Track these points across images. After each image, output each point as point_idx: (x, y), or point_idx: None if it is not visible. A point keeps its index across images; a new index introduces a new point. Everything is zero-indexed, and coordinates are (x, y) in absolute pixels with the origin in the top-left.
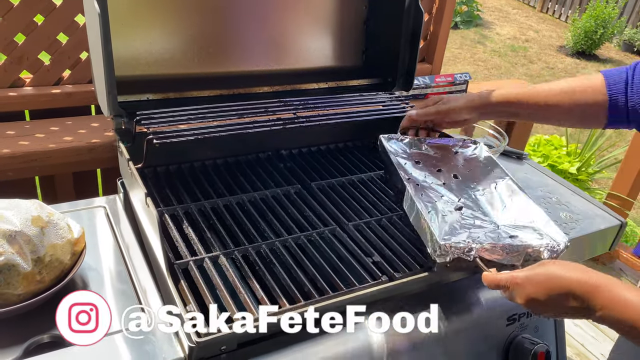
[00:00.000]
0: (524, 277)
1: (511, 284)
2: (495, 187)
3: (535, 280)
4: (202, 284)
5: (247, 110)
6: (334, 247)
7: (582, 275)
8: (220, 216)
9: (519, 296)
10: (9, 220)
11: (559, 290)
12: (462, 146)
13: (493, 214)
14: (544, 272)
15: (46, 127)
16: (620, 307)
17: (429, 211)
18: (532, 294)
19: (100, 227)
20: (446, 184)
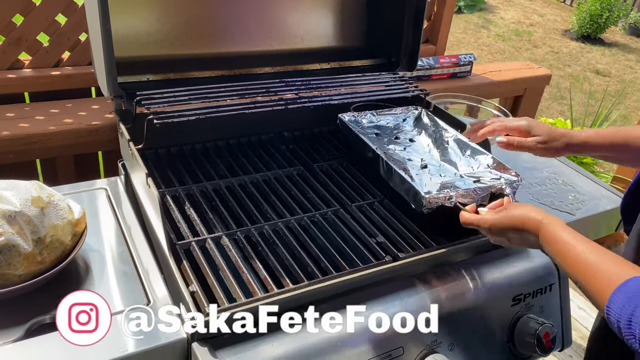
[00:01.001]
0: (491, 220)
1: (482, 223)
2: (447, 143)
3: (499, 222)
4: (204, 264)
5: (249, 91)
6: (337, 228)
7: (532, 213)
8: (222, 197)
9: (489, 233)
10: (9, 200)
11: (516, 226)
12: (408, 113)
13: (453, 166)
14: (504, 214)
15: (46, 110)
16: (554, 244)
17: (405, 172)
18: (497, 232)
19: (102, 208)
20: (406, 148)
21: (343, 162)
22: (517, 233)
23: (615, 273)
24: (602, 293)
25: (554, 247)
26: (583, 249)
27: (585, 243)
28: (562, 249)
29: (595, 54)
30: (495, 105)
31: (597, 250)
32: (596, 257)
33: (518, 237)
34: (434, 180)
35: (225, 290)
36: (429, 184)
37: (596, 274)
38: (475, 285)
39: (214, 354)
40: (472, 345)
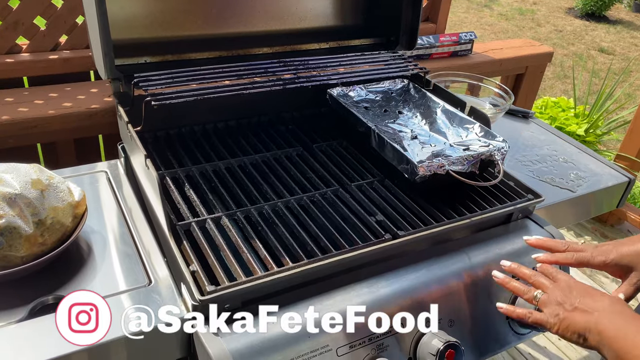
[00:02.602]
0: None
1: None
2: (436, 114)
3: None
4: (204, 244)
5: (247, 71)
6: (336, 207)
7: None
8: (222, 178)
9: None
10: (9, 183)
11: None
12: (396, 86)
13: (442, 136)
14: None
15: (45, 94)
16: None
17: (397, 143)
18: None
19: (103, 191)
20: (395, 120)
21: (342, 142)
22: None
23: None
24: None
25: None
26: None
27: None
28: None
29: (599, 31)
30: (497, 83)
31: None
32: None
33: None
34: (425, 150)
35: (225, 270)
36: (420, 154)
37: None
38: (475, 262)
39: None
40: (472, 322)
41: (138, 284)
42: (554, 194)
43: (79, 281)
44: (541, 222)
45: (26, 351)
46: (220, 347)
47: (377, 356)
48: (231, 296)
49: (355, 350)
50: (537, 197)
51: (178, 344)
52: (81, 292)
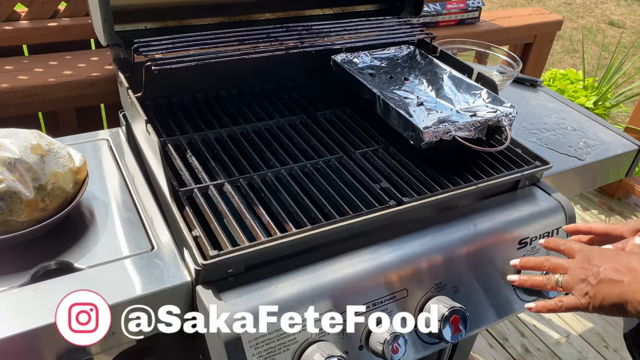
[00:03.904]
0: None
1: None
2: (442, 81)
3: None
4: (207, 210)
5: (249, 37)
6: (340, 174)
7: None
8: (224, 146)
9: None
10: (8, 148)
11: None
12: (402, 53)
13: (449, 102)
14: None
15: (45, 62)
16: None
17: (402, 109)
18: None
19: (104, 159)
20: (401, 86)
21: (346, 110)
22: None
23: None
24: None
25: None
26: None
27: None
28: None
29: (609, 4)
30: (505, 51)
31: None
32: None
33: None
34: (431, 116)
35: (228, 236)
36: (426, 120)
37: None
38: (480, 229)
39: (218, 296)
40: (476, 288)
41: (141, 249)
42: (562, 162)
43: (82, 247)
44: (548, 190)
45: (28, 315)
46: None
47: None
48: (234, 261)
49: (359, 315)
50: (544, 164)
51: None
52: (81, 292)
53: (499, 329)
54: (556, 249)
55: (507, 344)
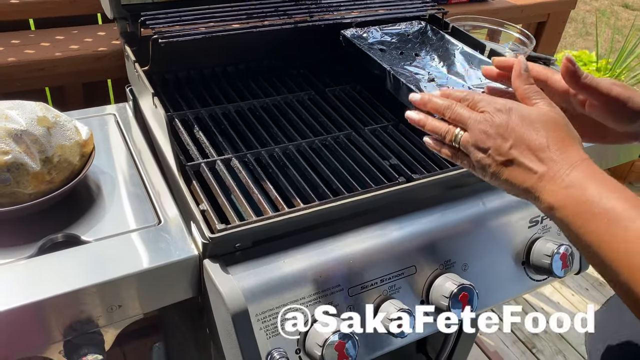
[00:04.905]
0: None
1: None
2: (454, 57)
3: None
4: (214, 184)
5: (257, 11)
6: (349, 151)
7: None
8: (231, 121)
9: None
10: (14, 119)
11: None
12: (413, 28)
13: (460, 78)
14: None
15: (51, 36)
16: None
17: (413, 85)
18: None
19: (111, 133)
20: (412, 62)
21: (356, 86)
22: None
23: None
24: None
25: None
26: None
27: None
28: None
29: None
30: (518, 28)
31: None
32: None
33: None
34: None
35: (235, 210)
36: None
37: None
38: (491, 207)
39: (225, 270)
40: (486, 267)
41: (148, 223)
42: None
43: (89, 220)
44: None
45: (36, 286)
46: (230, 284)
47: (389, 297)
48: (242, 235)
49: (367, 291)
50: None
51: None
52: None
53: None
54: (471, 96)
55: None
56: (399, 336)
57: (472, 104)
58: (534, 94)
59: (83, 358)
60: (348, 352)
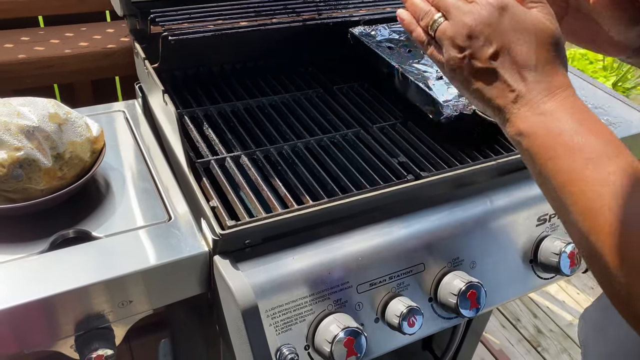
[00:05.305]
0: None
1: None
2: None
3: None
4: (224, 181)
5: (266, 9)
6: (357, 148)
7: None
8: (240, 118)
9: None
10: (26, 116)
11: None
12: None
13: None
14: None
15: (61, 33)
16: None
17: (422, 83)
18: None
19: (120, 130)
20: (420, 60)
21: (364, 84)
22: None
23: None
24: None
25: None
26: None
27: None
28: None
29: None
30: None
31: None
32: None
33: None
34: (450, 90)
35: (245, 207)
36: (445, 94)
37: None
38: (498, 205)
39: (235, 266)
40: (494, 264)
41: (158, 219)
42: None
43: (99, 216)
44: None
45: (48, 282)
46: (240, 280)
47: (397, 295)
48: (251, 231)
49: (375, 288)
50: None
51: (198, 279)
52: None
53: (512, 310)
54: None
55: (519, 324)
56: (407, 333)
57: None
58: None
59: (94, 353)
60: (357, 349)
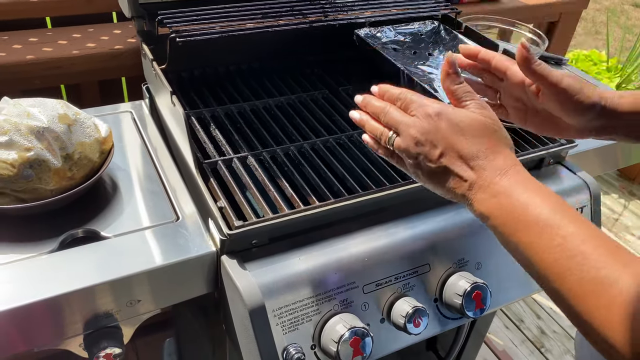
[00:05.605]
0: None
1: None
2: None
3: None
4: (231, 182)
5: (272, 10)
6: (363, 149)
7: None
8: (247, 119)
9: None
10: (36, 117)
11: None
12: (426, 28)
13: (474, 78)
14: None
15: (68, 34)
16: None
17: (427, 84)
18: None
19: (128, 130)
20: (425, 62)
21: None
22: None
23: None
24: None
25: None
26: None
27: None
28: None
29: None
30: (530, 28)
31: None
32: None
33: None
34: None
35: (252, 207)
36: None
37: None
38: None
39: (242, 266)
40: (499, 265)
41: (165, 219)
42: (587, 141)
43: (108, 216)
44: (573, 168)
45: (58, 280)
46: (248, 280)
47: (403, 295)
48: (259, 232)
49: (381, 289)
50: (570, 142)
51: (205, 279)
52: None
53: (515, 311)
54: (390, 97)
55: (522, 325)
56: (412, 334)
57: (404, 106)
58: (464, 95)
59: (103, 351)
60: (363, 349)
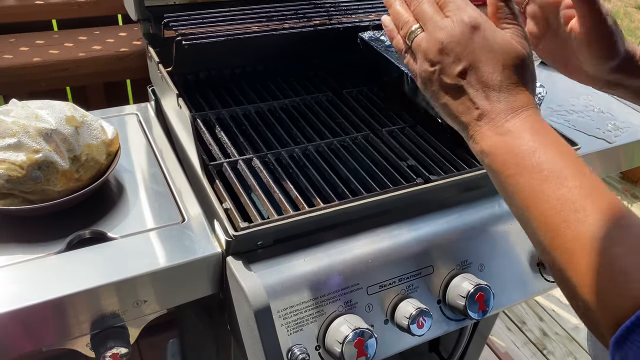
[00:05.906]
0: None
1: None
2: None
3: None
4: (236, 183)
5: (277, 14)
6: (367, 152)
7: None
8: (252, 122)
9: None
10: (44, 119)
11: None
12: None
13: None
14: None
15: (74, 37)
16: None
17: None
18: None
19: (133, 132)
20: None
21: (373, 88)
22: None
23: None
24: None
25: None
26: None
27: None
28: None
29: None
30: None
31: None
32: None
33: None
34: None
35: (257, 209)
36: None
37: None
38: (507, 208)
39: (248, 267)
40: (502, 267)
41: (171, 221)
42: (590, 144)
43: (114, 217)
44: None
45: (66, 281)
46: (253, 281)
47: (406, 297)
48: (264, 233)
49: (385, 290)
50: (572, 146)
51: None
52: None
53: (517, 313)
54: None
55: (525, 327)
56: (416, 335)
57: (442, 2)
58: (507, 16)
59: (109, 351)
60: (367, 350)
